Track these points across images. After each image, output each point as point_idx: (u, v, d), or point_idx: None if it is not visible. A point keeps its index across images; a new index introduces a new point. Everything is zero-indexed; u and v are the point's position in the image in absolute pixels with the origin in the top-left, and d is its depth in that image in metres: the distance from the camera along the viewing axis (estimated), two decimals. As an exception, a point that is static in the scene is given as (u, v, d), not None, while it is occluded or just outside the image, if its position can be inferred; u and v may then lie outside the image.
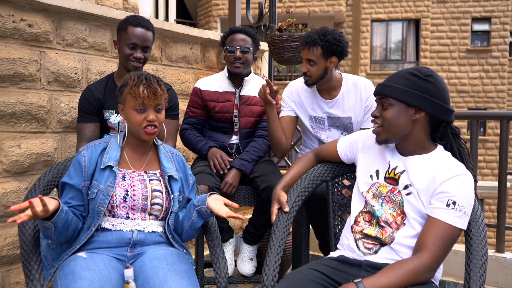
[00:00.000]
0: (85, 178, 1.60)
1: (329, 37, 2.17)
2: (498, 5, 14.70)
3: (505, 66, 14.68)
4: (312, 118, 2.36)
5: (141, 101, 1.59)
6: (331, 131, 2.36)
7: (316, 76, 2.22)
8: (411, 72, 1.51)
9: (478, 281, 1.43)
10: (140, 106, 1.60)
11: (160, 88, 1.63)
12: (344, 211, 1.87)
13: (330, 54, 2.19)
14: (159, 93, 1.61)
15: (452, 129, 1.55)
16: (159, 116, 1.64)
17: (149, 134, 1.63)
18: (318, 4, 14.81)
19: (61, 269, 1.49)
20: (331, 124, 2.35)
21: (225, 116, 2.39)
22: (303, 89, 2.36)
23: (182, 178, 1.76)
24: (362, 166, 1.69)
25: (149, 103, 1.60)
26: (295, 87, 2.39)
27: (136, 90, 1.59)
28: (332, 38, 2.17)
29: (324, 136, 2.37)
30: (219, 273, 1.68)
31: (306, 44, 2.21)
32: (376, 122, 1.56)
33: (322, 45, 2.16)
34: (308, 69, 2.22)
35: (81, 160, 1.62)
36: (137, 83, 1.60)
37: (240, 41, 2.36)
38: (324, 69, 2.22)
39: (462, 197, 1.44)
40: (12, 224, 2.18)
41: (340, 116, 2.32)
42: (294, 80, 2.45)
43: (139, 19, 2.08)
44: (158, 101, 1.62)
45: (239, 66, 2.34)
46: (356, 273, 1.53)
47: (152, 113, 1.61)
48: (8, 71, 2.13)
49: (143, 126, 1.61)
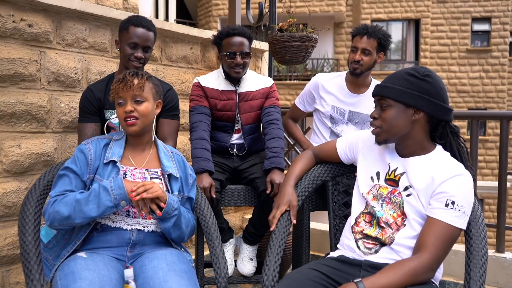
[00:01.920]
0: (90, 171, 1.62)
1: (384, 32, 2.34)
2: (498, 5, 14.71)
3: (505, 66, 14.68)
4: (335, 108, 2.46)
5: (117, 94, 1.64)
6: (348, 126, 2.45)
7: (366, 66, 2.35)
8: (409, 73, 1.51)
9: (478, 281, 1.43)
10: (119, 100, 1.65)
11: (138, 79, 1.66)
12: (344, 211, 1.87)
13: (381, 49, 2.36)
14: (130, 84, 1.63)
15: (451, 128, 1.55)
16: (139, 108, 1.65)
17: (128, 125, 1.64)
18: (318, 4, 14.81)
19: (61, 269, 1.50)
20: (351, 119, 2.45)
21: (227, 114, 2.38)
22: (331, 80, 2.49)
23: (182, 177, 1.76)
24: (362, 167, 1.69)
25: (124, 95, 1.64)
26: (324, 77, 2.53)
27: (114, 85, 1.66)
28: (388, 35, 2.36)
29: (340, 129, 2.47)
30: (219, 273, 1.68)
31: (364, 33, 2.33)
32: (375, 123, 1.56)
33: (380, 37, 2.32)
34: (362, 58, 2.33)
35: (87, 153, 1.63)
36: (116, 80, 1.67)
37: (240, 45, 2.29)
38: (374, 62, 2.37)
39: (461, 197, 1.44)
40: (12, 224, 2.18)
41: (362, 112, 2.44)
42: (321, 74, 2.57)
43: (140, 19, 2.09)
44: (133, 92, 1.64)
45: (239, 71, 2.31)
46: (356, 273, 1.53)
47: (130, 104, 1.64)
48: (8, 71, 2.14)
49: (123, 117, 1.65)
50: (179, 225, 1.66)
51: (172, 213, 1.60)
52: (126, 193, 1.52)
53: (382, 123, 1.53)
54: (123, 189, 1.52)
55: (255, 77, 2.45)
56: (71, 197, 1.54)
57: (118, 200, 1.52)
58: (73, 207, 1.51)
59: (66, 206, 1.52)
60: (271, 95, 2.43)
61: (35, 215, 1.62)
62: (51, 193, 1.59)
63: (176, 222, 1.64)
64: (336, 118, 2.46)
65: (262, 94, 2.41)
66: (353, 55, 2.35)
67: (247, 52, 2.32)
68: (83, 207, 1.51)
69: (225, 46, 2.32)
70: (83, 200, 1.51)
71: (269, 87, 2.43)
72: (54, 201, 1.55)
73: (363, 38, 2.33)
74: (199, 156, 2.18)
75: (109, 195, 1.51)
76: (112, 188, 1.52)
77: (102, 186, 1.53)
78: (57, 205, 1.53)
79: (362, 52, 2.33)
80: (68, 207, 1.52)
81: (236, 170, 2.40)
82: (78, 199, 1.52)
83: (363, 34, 2.32)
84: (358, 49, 2.34)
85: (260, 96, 2.41)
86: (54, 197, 1.57)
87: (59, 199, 1.55)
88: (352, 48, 2.39)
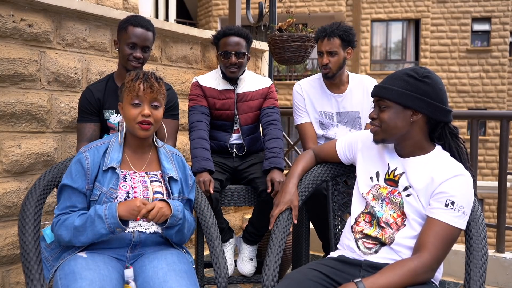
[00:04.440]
0: (88, 181, 1.59)
1: (344, 27, 2.29)
2: (498, 5, 14.70)
3: (505, 66, 14.68)
4: (322, 114, 2.42)
5: (136, 94, 1.59)
6: (339, 127, 2.42)
7: (336, 67, 2.31)
8: (408, 73, 1.50)
9: (478, 281, 1.43)
10: (136, 100, 1.59)
11: (158, 84, 1.63)
12: (344, 211, 1.87)
13: (347, 45, 2.31)
14: (155, 88, 1.60)
15: (450, 129, 1.55)
16: (155, 113, 1.62)
17: (143, 130, 1.60)
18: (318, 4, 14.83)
19: (62, 268, 1.50)
20: (339, 120, 2.41)
21: (226, 114, 2.38)
22: (311, 87, 2.44)
23: (182, 179, 1.75)
24: (361, 167, 1.69)
25: (144, 96, 1.59)
26: (304, 86, 2.46)
27: (133, 83, 1.60)
28: (348, 29, 2.30)
29: (332, 132, 2.42)
30: (219, 273, 1.68)
31: (324, 36, 2.29)
32: (374, 123, 1.56)
33: (341, 34, 2.27)
34: (329, 61, 2.30)
35: (84, 162, 1.59)
36: (135, 78, 1.61)
37: (235, 45, 2.30)
38: (343, 60, 2.33)
39: (460, 197, 1.44)
40: (12, 224, 2.18)
41: (348, 111, 2.40)
42: (300, 81, 2.50)
43: (139, 19, 2.08)
44: (154, 96, 1.60)
45: (235, 71, 2.31)
46: (356, 273, 1.53)
47: (147, 108, 1.60)
48: (8, 71, 2.14)
49: (137, 120, 1.59)
50: (182, 231, 1.66)
51: (176, 223, 1.60)
52: (119, 222, 1.49)
53: (380, 123, 1.53)
54: (116, 219, 1.49)
55: (253, 78, 2.45)
56: (70, 222, 1.53)
57: (113, 228, 1.50)
58: (72, 233, 1.52)
59: (67, 231, 1.53)
60: (270, 96, 2.43)
61: (35, 215, 1.62)
62: (55, 211, 1.59)
63: (180, 230, 1.64)
64: (326, 123, 2.42)
65: (260, 94, 2.41)
66: (321, 59, 2.32)
67: (243, 52, 2.31)
68: (81, 233, 1.51)
69: (221, 46, 2.34)
70: (80, 227, 1.51)
71: (267, 87, 2.43)
72: (57, 222, 1.56)
73: (323, 41, 2.29)
74: (199, 156, 2.18)
75: (104, 223, 1.49)
76: (106, 217, 1.49)
77: (97, 214, 1.50)
78: (59, 229, 1.54)
79: (328, 54, 2.29)
80: (68, 232, 1.52)
81: (236, 170, 2.39)
82: (76, 226, 1.51)
83: (323, 37, 2.29)
84: (323, 53, 2.30)
85: (259, 97, 2.41)
86: (57, 216, 1.57)
87: (61, 220, 1.55)
88: (318, 53, 2.36)
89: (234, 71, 2.31)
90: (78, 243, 1.53)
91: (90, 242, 1.54)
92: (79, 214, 1.55)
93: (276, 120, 2.37)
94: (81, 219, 1.52)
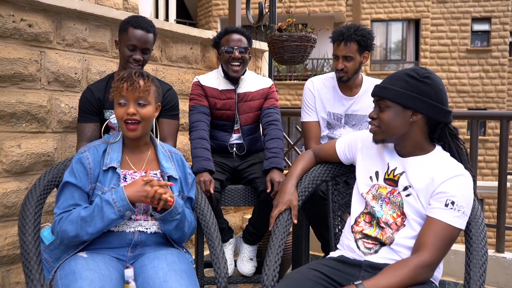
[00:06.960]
0: (91, 181, 1.59)
1: (363, 32, 2.22)
2: (498, 5, 14.71)
3: (505, 66, 14.69)
4: (331, 115, 2.40)
5: (120, 93, 1.59)
6: (345, 128, 2.40)
7: (352, 71, 2.27)
8: (409, 74, 1.51)
9: (478, 281, 1.43)
10: (121, 100, 1.60)
11: (144, 82, 1.62)
12: (344, 211, 1.87)
13: (364, 49, 2.25)
14: (137, 85, 1.59)
15: (450, 130, 1.55)
16: (141, 111, 1.61)
17: (130, 130, 1.61)
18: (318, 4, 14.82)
19: (62, 268, 1.50)
20: (347, 122, 2.40)
21: (227, 114, 2.38)
22: (323, 86, 2.41)
23: (181, 177, 1.75)
24: (361, 167, 1.69)
25: (128, 95, 1.59)
26: (316, 84, 2.41)
27: (118, 84, 1.61)
28: (366, 33, 2.23)
29: (337, 133, 2.41)
30: (219, 273, 1.68)
31: (341, 40, 2.22)
32: (374, 123, 1.56)
33: (358, 40, 2.21)
34: (345, 65, 2.24)
35: (85, 162, 1.60)
36: (120, 78, 1.62)
37: (237, 41, 2.32)
38: (359, 64, 2.28)
39: (460, 197, 1.45)
40: (12, 224, 2.18)
41: (357, 114, 2.37)
42: (313, 78, 2.47)
43: (140, 21, 2.07)
44: (137, 94, 1.59)
45: (238, 68, 2.30)
46: (356, 273, 1.53)
47: (132, 106, 1.60)
48: (8, 71, 2.14)
49: (124, 119, 1.60)
50: (182, 228, 1.66)
51: (174, 216, 1.60)
52: (129, 203, 1.51)
53: (380, 123, 1.54)
54: (125, 200, 1.51)
55: (254, 78, 2.45)
56: (75, 215, 1.52)
57: (123, 212, 1.51)
58: (79, 225, 1.51)
59: (72, 225, 1.51)
60: (270, 96, 2.43)
61: (35, 215, 1.62)
62: (56, 210, 1.58)
63: (179, 226, 1.64)
64: (333, 123, 2.41)
65: (261, 94, 2.41)
66: (336, 63, 2.27)
67: (245, 47, 2.32)
68: (88, 223, 1.50)
69: (223, 43, 2.35)
70: (88, 217, 1.50)
71: (268, 87, 2.44)
72: (60, 219, 1.54)
73: (340, 45, 2.22)
74: (199, 156, 2.18)
75: (113, 208, 1.50)
76: (114, 201, 1.50)
77: (104, 200, 1.51)
78: (63, 224, 1.52)
79: (344, 59, 2.23)
80: (74, 225, 1.51)
81: (236, 170, 2.40)
82: (83, 216, 1.51)
83: (340, 41, 2.22)
84: (339, 57, 2.25)
85: (259, 97, 2.41)
86: (59, 214, 1.55)
87: (64, 216, 1.53)
88: (333, 56, 2.31)
89: (237, 68, 2.31)
90: (86, 235, 1.51)
91: (99, 233, 1.53)
92: (83, 207, 1.55)
93: (276, 120, 2.37)
94: (87, 210, 1.52)
